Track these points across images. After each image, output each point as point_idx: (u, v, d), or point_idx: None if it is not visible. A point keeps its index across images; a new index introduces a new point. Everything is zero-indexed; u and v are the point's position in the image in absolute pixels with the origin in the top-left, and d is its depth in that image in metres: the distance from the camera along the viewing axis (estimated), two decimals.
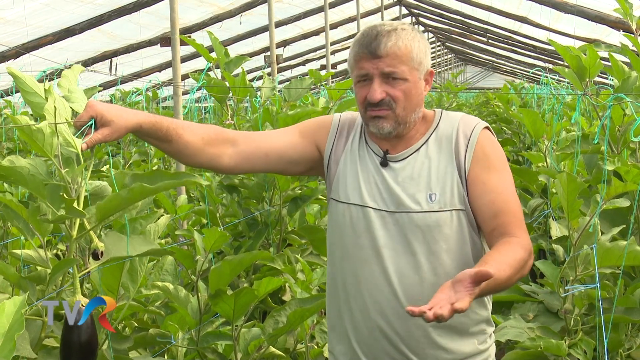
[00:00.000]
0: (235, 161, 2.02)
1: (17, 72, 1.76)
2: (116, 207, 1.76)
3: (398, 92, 1.94)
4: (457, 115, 2.05)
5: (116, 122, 1.78)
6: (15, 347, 1.18)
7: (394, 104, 1.94)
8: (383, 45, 1.92)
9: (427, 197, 1.95)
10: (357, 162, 2.04)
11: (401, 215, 1.95)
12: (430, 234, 1.93)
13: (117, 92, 7.22)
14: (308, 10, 13.11)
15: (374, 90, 1.93)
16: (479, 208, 1.95)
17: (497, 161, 1.99)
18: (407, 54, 1.93)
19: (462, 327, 1.98)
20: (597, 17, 9.18)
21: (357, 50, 1.97)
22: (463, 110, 14.47)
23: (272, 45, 6.99)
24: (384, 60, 1.92)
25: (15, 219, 1.78)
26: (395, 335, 1.95)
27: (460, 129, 2.00)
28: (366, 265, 1.97)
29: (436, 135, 2.02)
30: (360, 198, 1.99)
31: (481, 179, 1.95)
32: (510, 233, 1.91)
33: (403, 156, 2.01)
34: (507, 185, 1.98)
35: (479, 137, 1.98)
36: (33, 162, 1.75)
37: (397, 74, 1.93)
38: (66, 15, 8.71)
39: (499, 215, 1.93)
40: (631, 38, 3.20)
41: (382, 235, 1.96)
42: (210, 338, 2.60)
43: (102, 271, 1.99)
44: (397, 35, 1.93)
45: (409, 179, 1.97)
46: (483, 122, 2.03)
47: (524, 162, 6.31)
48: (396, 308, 1.94)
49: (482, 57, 25.24)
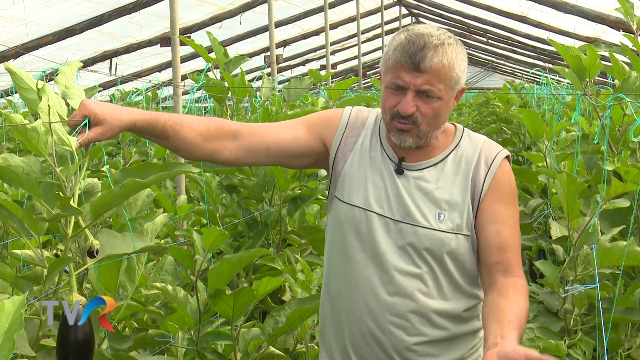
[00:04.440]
0: (237, 155, 1.99)
1: (14, 68, 1.75)
2: (110, 203, 1.75)
3: (429, 109, 1.88)
4: (481, 138, 2.01)
5: (109, 120, 1.77)
6: (14, 346, 1.18)
7: (420, 119, 1.89)
8: (429, 59, 1.84)
9: (436, 215, 1.92)
10: (366, 164, 2.00)
11: (406, 227, 1.93)
12: (432, 251, 1.92)
13: (117, 92, 7.22)
14: (308, 10, 13.11)
15: (407, 103, 1.87)
16: (484, 236, 1.93)
17: (510, 194, 1.97)
18: (448, 72, 1.86)
19: (452, 337, 1.98)
20: (597, 17, 9.19)
21: (398, 57, 1.87)
22: (463, 110, 14.50)
23: (272, 45, 6.99)
24: (423, 76, 1.85)
25: (9, 219, 1.77)
26: (386, 341, 1.95)
27: (483, 154, 1.97)
28: (364, 268, 1.96)
29: (456, 153, 1.98)
30: (366, 202, 1.96)
31: (493, 208, 1.93)
32: (512, 272, 1.91)
33: (419, 167, 1.97)
34: (515, 220, 1.96)
35: (500, 167, 1.96)
36: (27, 160, 1.75)
37: (433, 93, 1.87)
38: (65, 13, 8.71)
39: (503, 249, 1.92)
40: (631, 38, 3.20)
41: (383, 242, 1.94)
42: (210, 338, 2.60)
43: (99, 270, 1.99)
44: (444, 51, 1.85)
45: (421, 192, 1.94)
46: (505, 150, 2.00)
47: (524, 162, 6.30)
48: (388, 315, 1.93)
49: (482, 57, 25.23)
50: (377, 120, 2.07)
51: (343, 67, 20.25)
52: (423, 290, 1.93)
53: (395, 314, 1.93)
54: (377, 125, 2.06)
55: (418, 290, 1.92)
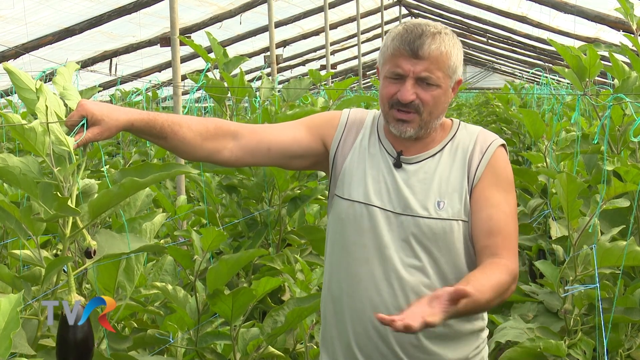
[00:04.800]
0: (237, 155, 2.00)
1: (12, 68, 1.75)
2: (108, 203, 1.75)
3: (429, 96, 1.91)
4: (476, 128, 2.04)
5: (107, 121, 1.77)
6: (11, 345, 1.18)
7: (422, 107, 1.92)
8: (427, 46, 1.88)
9: (435, 204, 1.93)
10: (365, 160, 2.02)
11: (407, 219, 1.94)
12: (434, 241, 1.93)
13: (117, 92, 7.22)
14: (308, 10, 13.12)
15: (407, 90, 1.90)
16: (475, 221, 1.94)
17: (505, 181, 1.98)
18: (446, 60, 1.90)
19: (455, 335, 1.98)
20: (597, 17, 9.18)
21: (397, 45, 1.91)
22: (463, 110, 14.49)
23: (272, 45, 6.99)
24: (422, 63, 1.88)
25: (6, 220, 1.77)
26: (389, 336, 1.95)
27: (478, 142, 1.99)
28: (367, 264, 1.96)
29: (452, 144, 2.00)
30: (366, 196, 1.97)
31: (485, 193, 1.94)
32: (499, 255, 1.90)
33: (417, 159, 1.99)
34: (508, 206, 1.96)
35: (494, 153, 1.98)
36: (25, 160, 1.74)
37: (432, 80, 1.89)
38: (65, 13, 8.71)
39: (493, 234, 1.92)
40: (631, 38, 3.19)
41: (386, 235, 1.94)
42: (209, 338, 2.60)
43: (98, 270, 1.99)
44: (441, 39, 1.89)
45: (420, 183, 1.96)
46: (500, 139, 2.02)
47: (524, 162, 6.30)
48: (393, 310, 1.93)
49: (482, 57, 25.23)
50: (375, 119, 2.10)
51: (343, 67, 20.25)
52: (426, 283, 1.93)
53: (399, 309, 1.92)
54: (374, 124, 2.08)
55: (421, 283, 1.93)
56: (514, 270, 1.89)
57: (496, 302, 1.84)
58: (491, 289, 1.78)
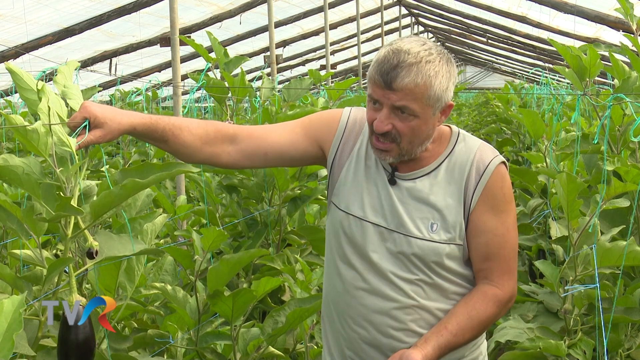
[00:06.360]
0: (235, 159, 2.00)
1: (15, 68, 1.75)
2: (110, 204, 1.75)
3: (405, 127, 1.85)
4: (475, 143, 1.97)
5: (109, 124, 1.77)
6: (13, 346, 1.18)
7: (399, 138, 1.87)
8: (400, 79, 1.80)
9: (429, 225, 1.92)
10: (362, 172, 2.00)
11: (400, 236, 1.93)
12: (425, 261, 1.92)
13: (116, 92, 7.22)
14: (308, 10, 13.12)
15: (380, 120, 1.85)
16: (472, 246, 1.94)
17: (503, 202, 1.94)
18: (424, 91, 1.81)
19: None
20: (597, 17, 9.19)
21: (373, 74, 1.85)
22: (463, 110, 14.49)
23: (272, 45, 6.99)
24: (396, 94, 1.81)
25: (8, 220, 1.77)
26: (385, 343, 1.95)
27: (475, 162, 1.93)
28: (360, 274, 1.97)
29: (449, 161, 1.95)
30: (362, 211, 1.96)
31: (482, 218, 1.92)
32: (492, 280, 1.94)
33: (412, 177, 1.96)
34: (506, 228, 1.95)
35: (492, 176, 1.92)
36: (27, 161, 1.74)
37: (408, 110, 1.83)
38: (65, 12, 8.71)
39: (489, 258, 1.93)
40: (631, 38, 3.20)
41: (377, 251, 1.94)
42: (209, 338, 2.60)
43: (99, 270, 1.99)
44: (418, 70, 1.80)
45: (414, 202, 1.94)
46: (500, 156, 1.96)
47: (524, 162, 6.30)
48: (387, 318, 1.94)
49: (482, 57, 25.25)
50: None
51: (343, 67, 20.26)
52: (420, 294, 1.94)
53: (394, 317, 1.93)
54: None
55: (415, 293, 1.93)
56: (504, 297, 1.94)
57: (479, 335, 1.96)
58: (472, 329, 1.90)
